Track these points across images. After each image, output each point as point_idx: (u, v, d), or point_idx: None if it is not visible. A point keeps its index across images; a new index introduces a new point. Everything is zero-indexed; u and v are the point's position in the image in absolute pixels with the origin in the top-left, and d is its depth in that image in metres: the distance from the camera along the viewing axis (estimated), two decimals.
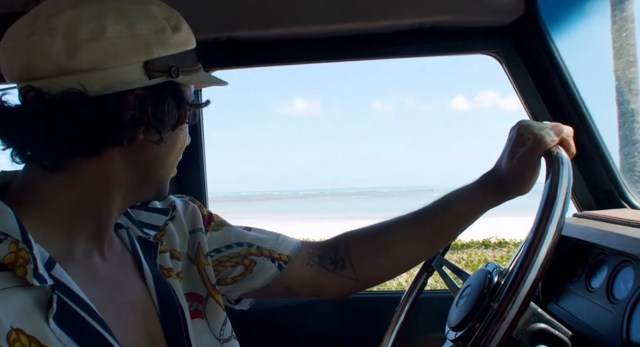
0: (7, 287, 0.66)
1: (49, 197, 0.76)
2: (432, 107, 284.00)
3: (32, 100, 0.69)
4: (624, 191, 1.35)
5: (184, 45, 0.80)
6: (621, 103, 4.63)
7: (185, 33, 0.80)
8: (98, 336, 0.72)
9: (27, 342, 0.64)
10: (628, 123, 4.80)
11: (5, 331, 0.62)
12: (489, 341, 0.71)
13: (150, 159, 0.81)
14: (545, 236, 0.73)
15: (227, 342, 0.98)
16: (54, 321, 0.67)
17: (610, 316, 0.95)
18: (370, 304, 1.63)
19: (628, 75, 4.85)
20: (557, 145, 0.88)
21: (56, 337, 0.67)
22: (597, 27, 1.40)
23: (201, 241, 1.01)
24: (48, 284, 0.68)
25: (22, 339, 0.65)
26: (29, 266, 0.67)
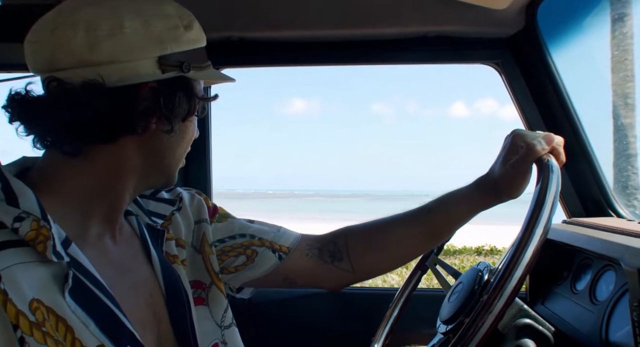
0: (28, 262, 0.70)
1: (67, 181, 0.79)
2: (432, 112, 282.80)
3: (55, 90, 0.73)
4: (611, 200, 1.39)
5: (195, 42, 0.83)
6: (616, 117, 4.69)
7: (196, 31, 0.84)
8: (109, 311, 0.76)
9: (45, 312, 0.68)
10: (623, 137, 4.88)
11: (28, 299, 0.66)
12: (476, 331, 0.74)
13: (161, 147, 0.85)
14: (533, 237, 0.76)
15: (227, 329, 1.02)
16: (69, 295, 0.71)
17: (591, 316, 1.00)
18: (366, 299, 1.66)
19: (625, 90, 4.92)
20: (548, 154, 0.92)
21: (71, 310, 0.70)
22: (593, 42, 1.44)
23: (206, 231, 1.04)
24: (64, 261, 0.72)
25: (42, 309, 0.68)
26: (48, 243, 0.71)
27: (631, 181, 4.18)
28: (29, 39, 0.77)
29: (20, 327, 0.65)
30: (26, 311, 0.66)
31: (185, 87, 0.82)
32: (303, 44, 1.58)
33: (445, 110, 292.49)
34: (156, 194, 1.03)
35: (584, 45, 1.44)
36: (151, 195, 1.02)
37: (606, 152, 1.61)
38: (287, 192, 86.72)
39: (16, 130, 0.78)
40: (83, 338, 0.70)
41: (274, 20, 1.47)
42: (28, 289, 0.68)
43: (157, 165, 0.87)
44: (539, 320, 0.90)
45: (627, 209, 1.37)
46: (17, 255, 0.69)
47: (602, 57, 1.53)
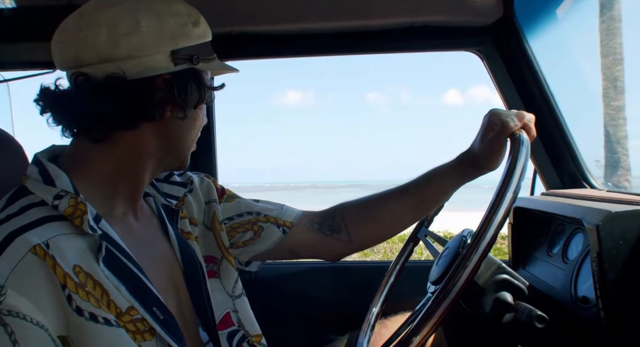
0: (68, 233, 0.76)
1: (94, 165, 0.86)
2: (426, 100, 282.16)
3: (81, 84, 0.80)
4: (585, 173, 1.48)
5: (202, 37, 0.89)
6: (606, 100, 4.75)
7: (203, 27, 0.89)
8: (137, 278, 0.82)
9: (85, 277, 0.74)
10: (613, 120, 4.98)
11: (71, 264, 0.73)
12: (455, 282, 0.81)
13: (176, 133, 0.90)
14: (504, 200, 0.83)
15: (238, 299, 1.11)
16: (103, 263, 0.77)
17: (563, 273, 1.10)
18: (363, 271, 1.74)
19: (614, 74, 5.03)
20: (520, 129, 1.00)
21: (105, 276, 0.77)
22: (570, 29, 1.50)
23: (216, 211, 1.12)
24: (97, 234, 0.78)
25: (82, 273, 0.74)
26: (85, 217, 0.77)
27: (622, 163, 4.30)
28: (55, 39, 0.83)
29: (67, 287, 0.72)
30: (71, 274, 0.72)
31: (196, 78, 0.88)
32: (299, 36, 1.62)
33: (439, 98, 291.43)
34: (169, 178, 1.10)
35: (560, 32, 1.50)
36: (165, 178, 1.09)
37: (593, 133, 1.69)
38: (283, 185, 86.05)
39: (47, 121, 0.85)
40: (117, 300, 0.77)
41: (271, 15, 1.51)
42: (70, 256, 0.74)
43: (172, 149, 0.92)
44: (515, 275, 0.98)
45: (598, 180, 1.46)
46: (59, 227, 0.75)
47: (579, 42, 1.60)
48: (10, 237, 0.70)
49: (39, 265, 0.70)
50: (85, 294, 0.73)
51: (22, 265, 0.69)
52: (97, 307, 0.74)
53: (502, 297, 0.96)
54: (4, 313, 0.66)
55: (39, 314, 0.69)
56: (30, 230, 0.72)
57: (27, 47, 1.52)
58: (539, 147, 1.50)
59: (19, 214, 0.74)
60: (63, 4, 1.36)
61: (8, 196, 0.79)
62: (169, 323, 0.84)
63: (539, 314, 0.85)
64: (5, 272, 0.67)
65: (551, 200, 1.26)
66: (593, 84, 1.63)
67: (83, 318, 0.72)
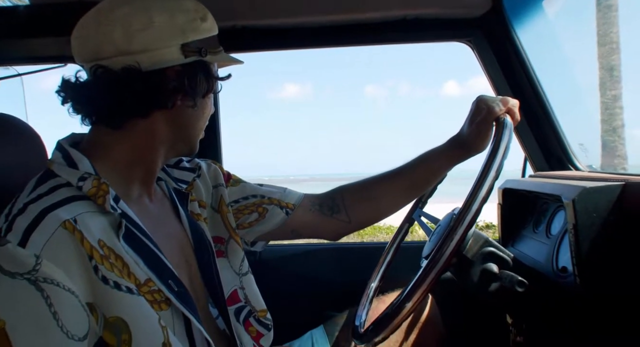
0: (92, 211, 0.80)
1: (112, 151, 0.90)
2: (424, 92, 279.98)
3: (100, 75, 0.85)
4: (570, 156, 1.54)
5: (209, 31, 0.93)
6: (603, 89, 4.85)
7: (210, 22, 0.94)
8: (153, 253, 0.87)
9: (107, 251, 0.79)
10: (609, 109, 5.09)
11: (96, 238, 0.77)
12: (443, 252, 0.89)
13: (186, 120, 0.95)
14: (488, 177, 0.90)
15: (244, 276, 1.17)
16: (122, 239, 0.82)
17: (546, 248, 1.18)
18: (361, 251, 1.80)
19: (611, 63, 5.12)
20: (504, 113, 1.07)
21: (125, 251, 0.81)
22: (554, 20, 1.55)
23: (223, 194, 1.18)
24: (117, 212, 0.83)
25: (106, 247, 0.79)
26: (107, 197, 0.82)
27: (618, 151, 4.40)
28: (75, 35, 0.88)
29: (94, 258, 0.76)
30: (96, 247, 0.77)
31: (204, 69, 0.92)
32: (298, 29, 1.66)
33: (437, 90, 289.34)
34: (179, 164, 1.15)
35: (546, 23, 1.54)
36: (175, 164, 1.14)
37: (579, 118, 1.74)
38: (282, 178, 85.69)
39: (68, 111, 0.91)
40: (136, 272, 0.81)
41: (271, 9, 1.54)
42: (95, 231, 0.78)
43: (182, 135, 0.96)
44: (500, 248, 1.05)
45: (583, 163, 1.53)
46: (84, 206, 0.80)
47: (566, 32, 1.64)
48: (43, 213, 0.75)
49: (68, 238, 0.75)
50: (110, 265, 0.78)
51: (54, 238, 0.74)
52: (120, 277, 0.79)
53: (489, 268, 1.02)
54: (40, 280, 0.70)
55: (70, 281, 0.73)
56: (60, 207, 0.77)
57: (39, 43, 1.56)
58: (527, 132, 1.55)
59: (49, 194, 0.79)
60: (75, 1, 1.43)
61: (36, 178, 0.85)
62: (183, 295, 0.88)
63: (520, 279, 0.93)
64: (40, 244, 0.72)
65: (537, 181, 1.33)
66: (580, 72, 1.66)
67: (108, 286, 0.77)
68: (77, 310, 0.74)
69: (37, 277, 0.71)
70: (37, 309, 0.71)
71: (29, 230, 0.74)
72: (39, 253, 0.71)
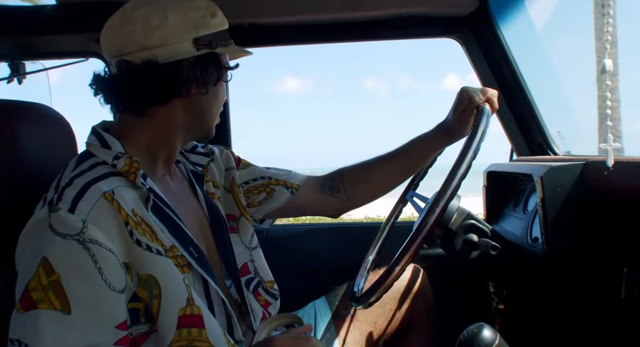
0: (125, 185, 0.89)
1: (137, 135, 0.99)
2: (425, 86, 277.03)
3: (124, 69, 0.94)
4: (550, 143, 1.64)
5: (219, 26, 1.00)
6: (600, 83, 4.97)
7: (219, 18, 1.01)
8: (176, 223, 0.96)
9: (139, 219, 0.87)
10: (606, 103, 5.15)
11: (130, 208, 0.86)
12: (426, 222, 0.98)
13: (200, 106, 1.02)
14: (467, 157, 0.98)
15: (254, 250, 1.27)
16: (150, 210, 0.90)
17: (522, 222, 1.31)
18: (359, 230, 1.90)
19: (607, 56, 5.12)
20: (484, 102, 1.15)
21: (153, 221, 0.90)
22: (536, 19, 1.64)
23: (234, 176, 1.28)
24: (145, 188, 0.92)
25: (137, 216, 0.87)
26: (138, 173, 0.91)
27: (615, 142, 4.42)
28: (102, 33, 0.98)
29: (129, 224, 0.85)
30: (131, 214, 0.86)
31: (215, 60, 1.00)
32: (301, 26, 1.73)
33: (438, 83, 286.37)
34: (195, 149, 1.24)
35: (528, 20, 1.64)
36: (191, 150, 1.24)
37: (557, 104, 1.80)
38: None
39: (99, 101, 1.01)
40: (162, 239, 0.90)
41: (277, 8, 1.63)
42: (129, 202, 0.87)
43: (199, 120, 1.04)
44: (480, 220, 1.17)
45: (562, 149, 1.64)
46: (118, 181, 0.89)
47: (547, 29, 1.74)
48: (87, 186, 0.85)
49: (108, 207, 0.84)
50: (142, 230, 0.87)
51: (97, 206, 0.83)
52: (150, 241, 0.87)
53: (469, 238, 1.15)
54: (87, 241, 0.80)
55: (110, 243, 0.82)
56: (100, 181, 0.87)
57: (64, 39, 1.66)
58: (511, 121, 1.66)
59: (90, 170, 0.89)
60: (98, 0, 1.52)
61: (77, 157, 0.95)
62: (202, 260, 0.97)
63: (493, 244, 1.06)
64: (86, 210, 0.81)
65: (516, 164, 1.44)
66: (559, 64, 1.74)
67: (141, 248, 0.86)
68: (116, 267, 0.82)
69: (84, 238, 0.80)
70: (85, 264, 0.80)
71: (76, 199, 0.83)
72: (85, 218, 0.80)
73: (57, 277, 0.78)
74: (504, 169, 1.49)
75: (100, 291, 0.81)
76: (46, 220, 0.81)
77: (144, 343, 0.89)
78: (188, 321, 0.89)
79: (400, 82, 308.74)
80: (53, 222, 0.80)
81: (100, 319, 0.81)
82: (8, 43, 1.67)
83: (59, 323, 0.77)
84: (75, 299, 0.79)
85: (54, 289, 0.78)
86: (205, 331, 0.91)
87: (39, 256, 0.79)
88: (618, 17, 2.25)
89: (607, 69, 0.89)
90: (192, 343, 0.90)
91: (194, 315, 0.90)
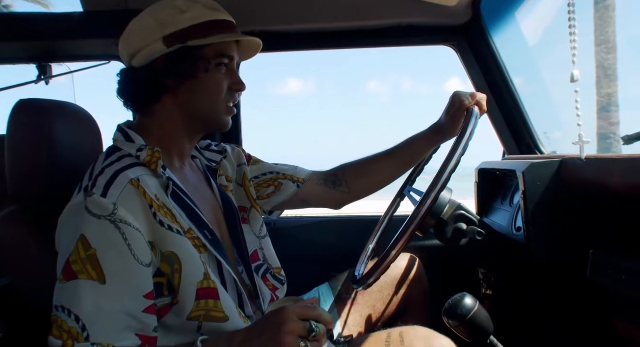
0: (148, 174, 0.98)
1: (149, 130, 1.08)
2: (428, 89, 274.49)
3: (120, 75, 1.09)
4: (537, 144, 1.74)
5: (193, 20, 1.04)
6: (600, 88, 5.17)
7: (192, 12, 1.05)
8: (192, 209, 1.04)
9: (162, 203, 0.96)
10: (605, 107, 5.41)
11: (153, 193, 0.95)
12: (419, 211, 1.06)
13: (189, 99, 1.08)
14: (456, 153, 1.06)
15: (263, 239, 1.35)
16: (170, 197, 0.99)
17: (509, 214, 1.41)
18: (360, 222, 1.97)
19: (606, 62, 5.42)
20: (473, 105, 1.24)
21: (172, 206, 0.98)
22: (525, 29, 1.74)
23: (246, 172, 1.37)
24: (165, 176, 1.00)
25: (160, 200, 0.96)
26: (159, 162, 0.99)
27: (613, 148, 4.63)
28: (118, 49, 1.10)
29: (153, 207, 0.94)
30: (154, 199, 0.95)
31: (190, 53, 1.04)
32: (308, 34, 1.82)
33: (441, 86, 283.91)
34: (209, 147, 1.34)
35: (517, 29, 1.74)
36: (205, 148, 1.33)
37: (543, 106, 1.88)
38: None
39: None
40: (181, 222, 0.98)
41: (286, 17, 1.73)
42: (152, 188, 0.96)
43: (193, 113, 1.10)
44: (469, 211, 1.27)
45: (548, 149, 1.73)
46: (142, 170, 0.98)
47: (535, 38, 1.82)
48: (116, 174, 0.94)
49: (135, 192, 0.93)
50: (164, 213, 0.95)
51: (125, 191, 0.92)
52: (171, 222, 0.95)
53: (459, 226, 1.25)
54: (118, 221, 0.88)
55: (137, 223, 0.91)
56: (127, 170, 0.96)
57: (88, 43, 1.77)
58: (501, 123, 1.76)
59: (118, 161, 0.99)
60: (120, 9, 1.62)
61: (106, 151, 1.05)
62: (216, 243, 1.05)
63: (479, 230, 1.17)
64: (116, 195, 0.91)
65: (505, 161, 1.55)
66: (547, 70, 1.81)
67: (164, 228, 0.94)
68: (143, 244, 0.91)
69: (115, 218, 0.89)
70: (117, 241, 0.88)
71: (107, 186, 0.92)
72: (115, 202, 0.90)
73: (94, 252, 0.87)
74: (494, 167, 1.60)
75: (130, 264, 0.89)
76: (83, 203, 0.90)
77: (167, 314, 0.97)
78: (205, 293, 0.98)
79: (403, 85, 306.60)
80: (89, 205, 0.89)
81: (130, 288, 0.89)
82: (37, 47, 1.78)
83: (96, 291, 0.86)
84: (109, 271, 0.88)
85: (91, 262, 0.87)
86: (220, 302, 1.00)
87: (78, 233, 0.88)
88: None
89: (575, 79, 1.02)
90: (209, 313, 0.98)
91: (210, 288, 0.99)
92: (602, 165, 1.05)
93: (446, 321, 1.08)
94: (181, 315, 0.97)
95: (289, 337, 0.83)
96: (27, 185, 1.14)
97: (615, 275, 0.90)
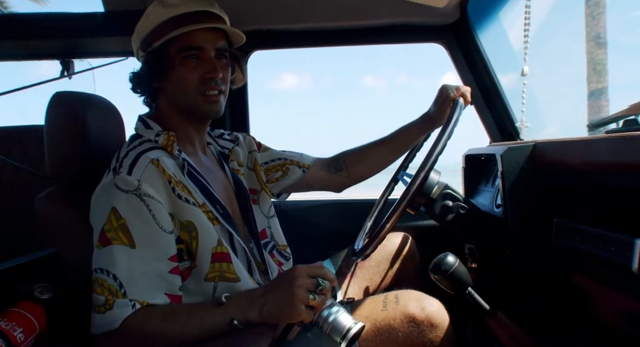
0: (165, 156, 1.09)
1: (160, 120, 1.19)
2: (423, 83, 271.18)
3: (130, 77, 1.24)
4: (519, 132, 1.86)
5: (154, 23, 1.15)
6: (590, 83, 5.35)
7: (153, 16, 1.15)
8: (206, 187, 1.15)
9: (179, 179, 1.06)
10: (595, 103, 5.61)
11: (171, 172, 1.06)
12: (409, 191, 1.16)
13: (173, 92, 1.18)
14: (442, 140, 1.15)
15: (271, 218, 1.46)
16: (186, 175, 1.09)
17: (491, 194, 1.55)
18: (358, 205, 2.08)
19: (595, 57, 5.63)
20: (459, 96, 1.35)
21: (188, 183, 1.09)
22: (508, 28, 1.85)
23: (256, 158, 1.49)
24: (181, 157, 1.11)
25: (177, 177, 1.06)
26: (175, 145, 1.11)
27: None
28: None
29: (172, 182, 1.04)
30: (172, 175, 1.05)
31: (158, 54, 1.15)
32: (310, 32, 1.91)
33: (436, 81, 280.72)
34: (222, 136, 1.46)
35: (501, 28, 1.86)
36: (219, 136, 1.46)
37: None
38: None
39: None
40: (196, 197, 1.08)
41: (289, 16, 1.81)
42: (170, 167, 1.06)
43: (178, 106, 1.20)
44: (455, 190, 1.40)
45: (529, 137, 1.85)
46: (160, 152, 1.09)
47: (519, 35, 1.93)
48: (139, 155, 1.06)
49: (155, 170, 1.04)
50: (181, 187, 1.06)
51: (147, 169, 1.03)
52: (188, 195, 1.06)
53: (446, 203, 1.38)
54: (142, 195, 0.99)
55: (159, 196, 1.02)
56: (148, 151, 1.07)
57: (108, 41, 1.88)
58: (486, 113, 1.89)
59: (140, 145, 1.11)
60: (138, 9, 1.73)
61: (130, 138, 1.18)
62: (227, 217, 1.16)
63: (462, 204, 1.32)
64: (139, 173, 1.01)
65: (488, 147, 1.67)
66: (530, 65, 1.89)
67: (181, 201, 1.05)
68: (165, 215, 1.02)
69: (140, 193, 1.00)
70: (143, 212, 0.99)
71: (132, 165, 1.03)
72: (139, 178, 1.01)
73: (124, 221, 0.98)
74: (478, 152, 1.73)
75: (155, 231, 1.00)
76: (112, 181, 1.01)
77: (188, 277, 1.08)
78: (219, 257, 1.08)
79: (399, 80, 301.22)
80: (117, 182, 1.00)
81: (157, 251, 0.99)
82: (61, 44, 1.89)
83: (128, 255, 0.97)
84: (138, 237, 0.98)
85: (122, 230, 0.97)
86: (233, 265, 1.11)
87: (110, 206, 0.99)
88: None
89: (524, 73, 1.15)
90: (223, 274, 1.09)
91: (223, 253, 1.09)
92: (565, 146, 1.18)
93: (432, 276, 1.22)
94: (199, 278, 1.09)
95: (300, 290, 0.95)
96: (64, 168, 1.25)
97: (574, 238, 1.04)
